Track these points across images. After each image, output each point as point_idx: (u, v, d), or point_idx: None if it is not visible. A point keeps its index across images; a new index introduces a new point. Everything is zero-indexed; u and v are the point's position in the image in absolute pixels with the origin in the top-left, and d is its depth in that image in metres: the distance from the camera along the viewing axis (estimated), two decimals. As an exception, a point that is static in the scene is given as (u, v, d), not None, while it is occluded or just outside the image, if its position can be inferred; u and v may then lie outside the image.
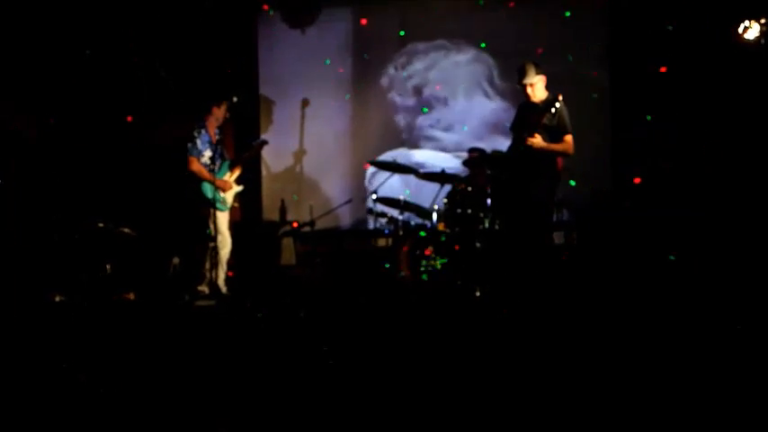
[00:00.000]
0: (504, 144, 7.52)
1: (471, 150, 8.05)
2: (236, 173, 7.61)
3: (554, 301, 6.13)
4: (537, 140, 6.28)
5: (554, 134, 6.35)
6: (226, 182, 7.48)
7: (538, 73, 6.51)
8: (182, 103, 8.47)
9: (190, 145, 7.34)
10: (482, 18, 9.07)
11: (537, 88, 6.53)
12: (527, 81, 6.53)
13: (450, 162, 8.67)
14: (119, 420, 3.80)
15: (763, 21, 7.15)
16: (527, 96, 6.58)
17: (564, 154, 6.47)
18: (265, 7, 9.25)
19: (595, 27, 8.75)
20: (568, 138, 6.37)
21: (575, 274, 7.40)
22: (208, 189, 7.26)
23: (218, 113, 7.50)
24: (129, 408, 3.97)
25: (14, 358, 4.92)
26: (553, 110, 6.25)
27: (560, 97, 6.27)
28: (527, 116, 6.56)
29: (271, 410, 3.93)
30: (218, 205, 7.26)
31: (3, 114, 8.03)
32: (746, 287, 6.40)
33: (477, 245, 7.02)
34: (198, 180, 7.32)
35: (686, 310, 5.80)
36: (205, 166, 7.34)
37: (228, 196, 7.51)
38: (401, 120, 9.28)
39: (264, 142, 8.23)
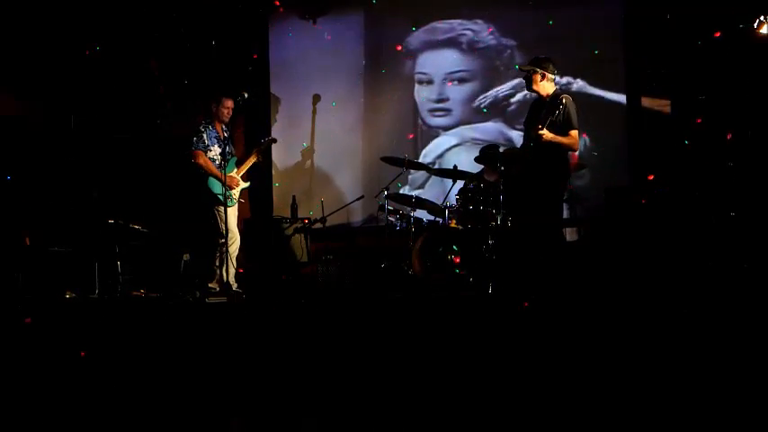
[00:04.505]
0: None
1: (485, 147, 8.02)
2: (244, 169, 7.60)
3: (565, 297, 6.11)
4: (545, 132, 6.31)
5: (560, 130, 6.39)
6: (233, 178, 7.46)
7: (542, 67, 6.55)
8: (192, 99, 8.48)
9: (195, 138, 7.35)
10: (497, 6, 9.09)
11: (535, 80, 6.56)
12: (524, 67, 6.67)
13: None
14: (130, 416, 3.78)
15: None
16: (527, 84, 6.67)
17: (570, 148, 6.56)
18: (277, 2, 9.22)
19: (611, 21, 8.71)
20: (574, 133, 6.46)
21: (587, 270, 7.36)
22: (215, 184, 7.26)
23: (217, 110, 7.47)
24: (141, 403, 3.96)
25: (26, 356, 4.91)
26: (561, 107, 6.30)
27: (564, 97, 6.34)
28: (538, 113, 6.60)
29: (280, 405, 3.91)
30: (226, 201, 7.25)
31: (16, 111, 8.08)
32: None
33: (490, 241, 6.99)
34: (205, 175, 7.31)
35: (693, 307, 5.76)
36: (213, 161, 7.33)
37: (235, 192, 7.50)
38: (415, 111, 9.28)
39: (273, 140, 8.23)
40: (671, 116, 8.21)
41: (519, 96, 8.79)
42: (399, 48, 9.30)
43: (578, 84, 8.52)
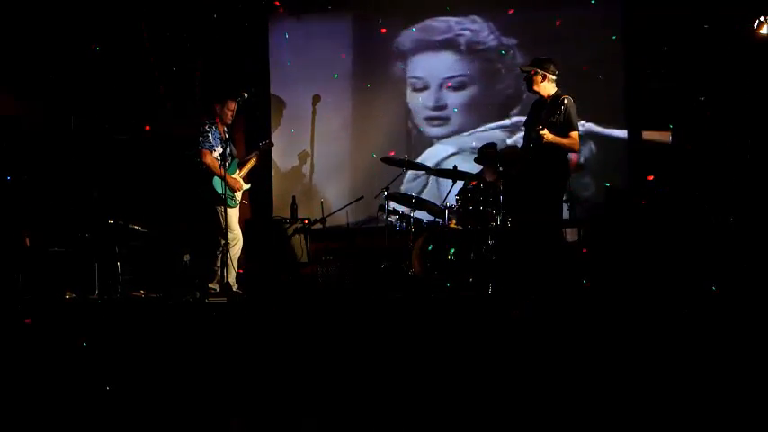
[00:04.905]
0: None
1: (484, 147, 8.02)
2: (245, 171, 7.61)
3: (565, 297, 6.12)
4: (546, 133, 6.32)
5: (560, 131, 6.40)
6: (237, 180, 7.47)
7: (543, 68, 6.55)
8: (192, 99, 8.49)
9: (201, 138, 7.36)
10: (493, 11, 9.07)
11: (536, 81, 6.57)
12: (525, 68, 6.67)
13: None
14: (130, 416, 3.78)
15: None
16: (528, 85, 6.66)
17: (571, 149, 6.56)
18: (277, 2, 9.22)
19: (610, 22, 8.71)
20: (574, 134, 6.48)
21: (587, 270, 7.37)
22: (218, 185, 7.26)
23: (222, 112, 7.47)
24: (141, 403, 3.95)
25: (26, 356, 4.91)
26: (561, 109, 6.30)
27: (565, 98, 6.33)
28: (538, 113, 6.61)
29: (280, 405, 3.91)
30: (228, 201, 7.25)
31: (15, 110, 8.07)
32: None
33: (490, 242, 7.00)
34: (209, 175, 7.32)
35: (693, 307, 5.76)
36: (217, 161, 7.34)
37: (237, 193, 7.51)
38: (411, 114, 9.26)
39: (270, 144, 8.21)
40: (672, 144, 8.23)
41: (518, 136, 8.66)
42: (384, 31, 9.19)
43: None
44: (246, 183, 7.65)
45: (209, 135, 7.37)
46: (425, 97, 9.27)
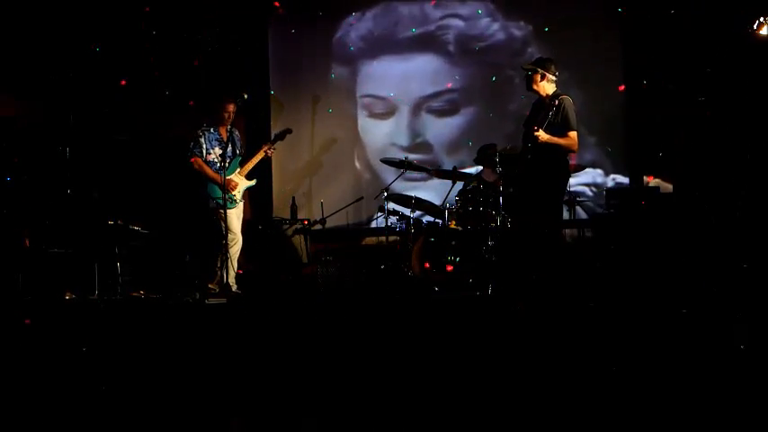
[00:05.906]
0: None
1: (483, 147, 8.01)
2: (250, 166, 7.55)
3: (564, 297, 6.12)
4: (541, 133, 6.31)
5: (558, 131, 6.40)
6: (230, 180, 7.41)
7: (544, 67, 6.55)
8: (194, 100, 8.50)
9: (192, 144, 7.42)
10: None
11: (535, 80, 6.58)
12: (527, 66, 6.67)
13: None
14: (130, 416, 3.78)
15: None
16: (527, 84, 6.66)
17: (569, 149, 6.55)
18: (276, 3, 9.21)
19: (609, 30, 8.72)
20: (572, 134, 6.47)
21: (587, 271, 7.37)
22: (215, 188, 7.27)
23: (221, 113, 7.45)
24: (141, 403, 3.96)
25: (26, 357, 4.91)
26: (559, 109, 6.31)
27: (563, 98, 6.34)
28: (537, 113, 6.62)
29: (280, 405, 3.91)
30: (227, 203, 7.24)
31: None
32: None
33: (490, 242, 7.00)
34: (206, 179, 7.33)
35: (693, 307, 5.76)
36: (213, 163, 7.34)
37: (237, 192, 7.48)
38: (409, 117, 9.21)
39: (288, 131, 8.03)
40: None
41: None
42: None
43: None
44: (251, 179, 7.60)
45: (201, 140, 7.42)
46: (392, 127, 9.16)
